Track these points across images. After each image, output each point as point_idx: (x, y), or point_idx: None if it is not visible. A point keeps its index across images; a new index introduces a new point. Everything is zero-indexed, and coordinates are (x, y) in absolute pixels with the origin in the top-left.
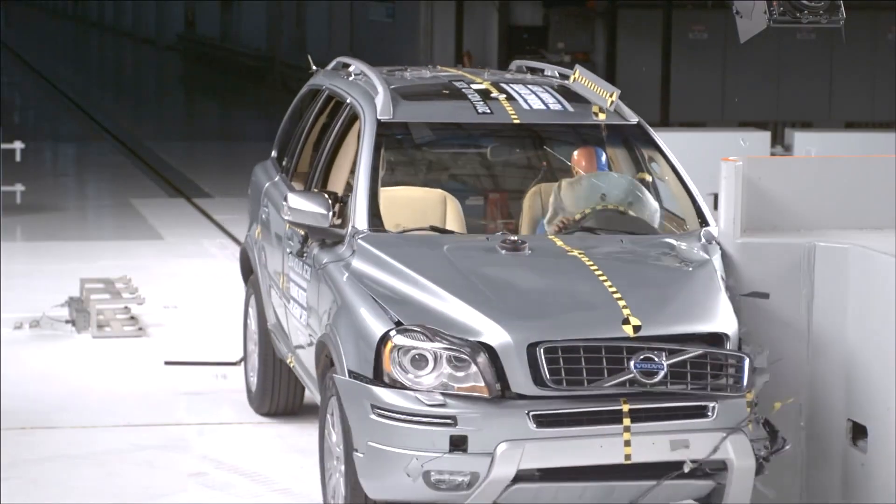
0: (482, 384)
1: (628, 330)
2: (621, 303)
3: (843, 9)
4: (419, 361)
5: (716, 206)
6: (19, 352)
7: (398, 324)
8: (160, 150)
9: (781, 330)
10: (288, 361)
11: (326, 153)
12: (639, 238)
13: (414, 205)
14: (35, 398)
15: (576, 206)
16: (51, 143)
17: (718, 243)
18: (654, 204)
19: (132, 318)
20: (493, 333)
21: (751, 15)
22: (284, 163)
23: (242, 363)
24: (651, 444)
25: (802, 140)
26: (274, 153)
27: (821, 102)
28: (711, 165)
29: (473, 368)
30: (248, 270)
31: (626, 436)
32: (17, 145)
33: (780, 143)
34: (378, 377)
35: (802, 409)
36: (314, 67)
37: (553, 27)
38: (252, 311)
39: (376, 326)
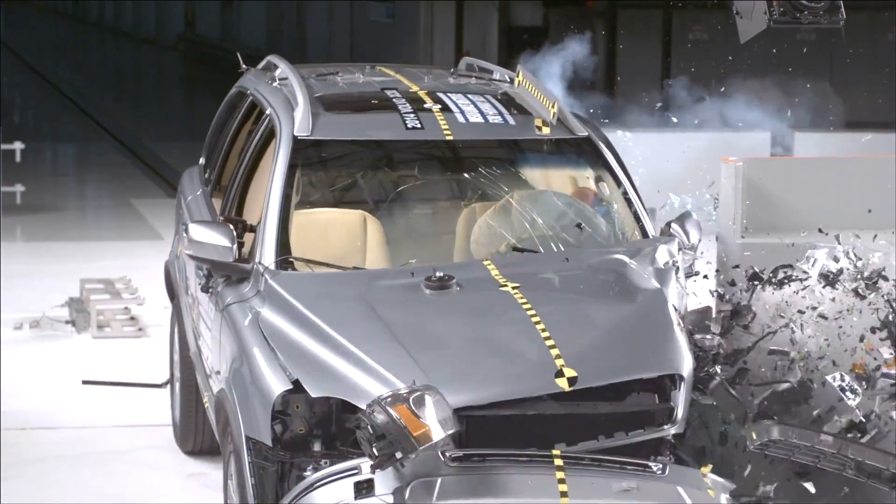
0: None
1: (562, 384)
2: (554, 351)
3: (843, 9)
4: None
5: (715, 207)
6: (19, 352)
7: (296, 384)
8: (160, 150)
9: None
10: (204, 400)
11: (243, 172)
12: (586, 254)
13: (332, 228)
14: (35, 398)
15: (494, 240)
16: (51, 143)
17: (686, 251)
18: (600, 228)
19: (132, 318)
20: None
21: (751, 15)
22: (208, 174)
23: (169, 388)
24: (590, 485)
25: (802, 140)
26: (202, 160)
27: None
28: (711, 165)
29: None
30: (172, 291)
31: (560, 474)
32: (17, 145)
33: (780, 143)
34: (283, 445)
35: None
36: (244, 66)
37: (553, 27)
38: (177, 336)
39: (274, 386)
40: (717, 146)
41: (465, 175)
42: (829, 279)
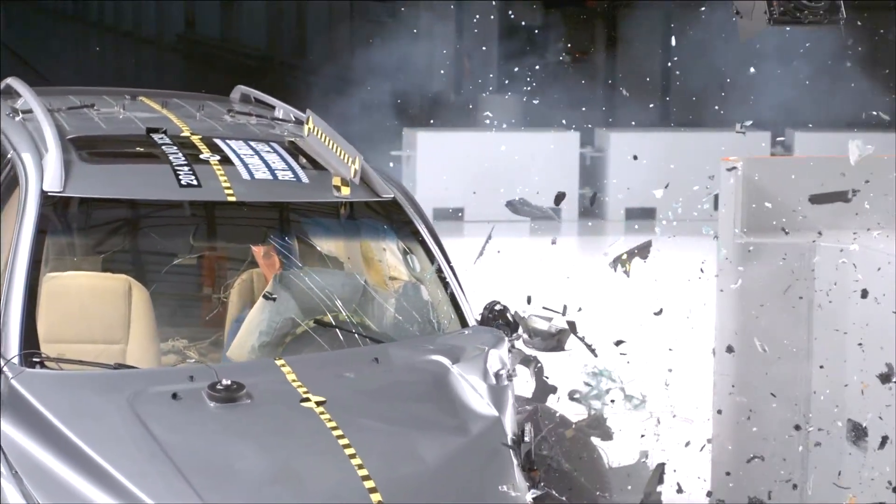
0: None
1: None
2: (375, 497)
3: (843, 9)
4: None
5: (716, 207)
6: None
7: None
8: None
9: (781, 329)
10: None
11: None
12: (398, 353)
13: (91, 296)
14: None
15: (268, 328)
16: None
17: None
18: (410, 314)
19: None
20: None
21: (751, 14)
22: None
23: None
24: None
25: (802, 140)
26: None
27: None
28: (711, 165)
29: None
30: None
31: None
32: None
33: (780, 143)
34: None
35: (802, 408)
36: None
37: (553, 27)
38: None
39: None
40: (717, 146)
41: (247, 243)
42: None
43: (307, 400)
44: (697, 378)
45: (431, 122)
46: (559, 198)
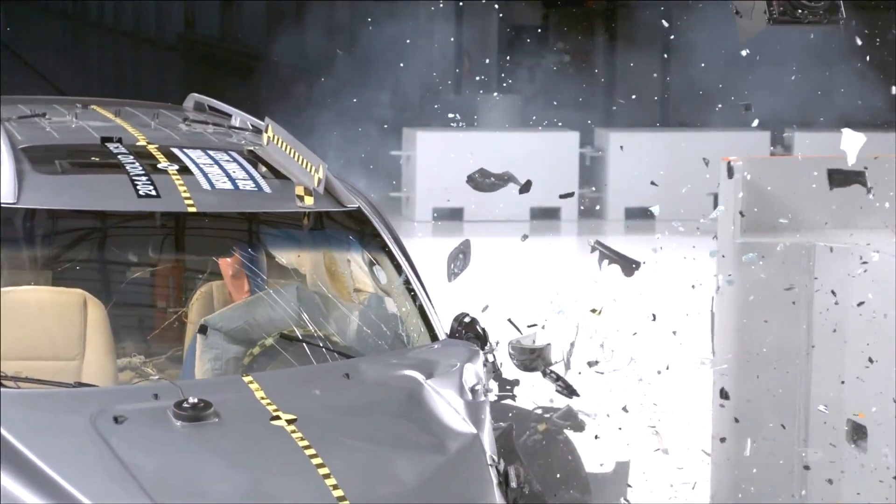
0: None
1: None
2: None
3: (842, 9)
4: None
5: (716, 207)
6: None
7: None
8: None
9: (781, 330)
10: None
11: None
12: (369, 368)
13: (45, 311)
14: None
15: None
16: None
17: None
18: (378, 328)
19: None
20: None
21: (751, 15)
22: None
23: None
24: None
25: (802, 140)
26: None
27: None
28: (711, 165)
29: None
30: None
31: None
32: None
33: (780, 143)
34: None
35: (801, 408)
36: None
37: (553, 27)
38: None
39: None
40: (717, 146)
41: (208, 255)
42: None
43: (277, 418)
44: (687, 389)
45: (431, 122)
46: (526, 186)
